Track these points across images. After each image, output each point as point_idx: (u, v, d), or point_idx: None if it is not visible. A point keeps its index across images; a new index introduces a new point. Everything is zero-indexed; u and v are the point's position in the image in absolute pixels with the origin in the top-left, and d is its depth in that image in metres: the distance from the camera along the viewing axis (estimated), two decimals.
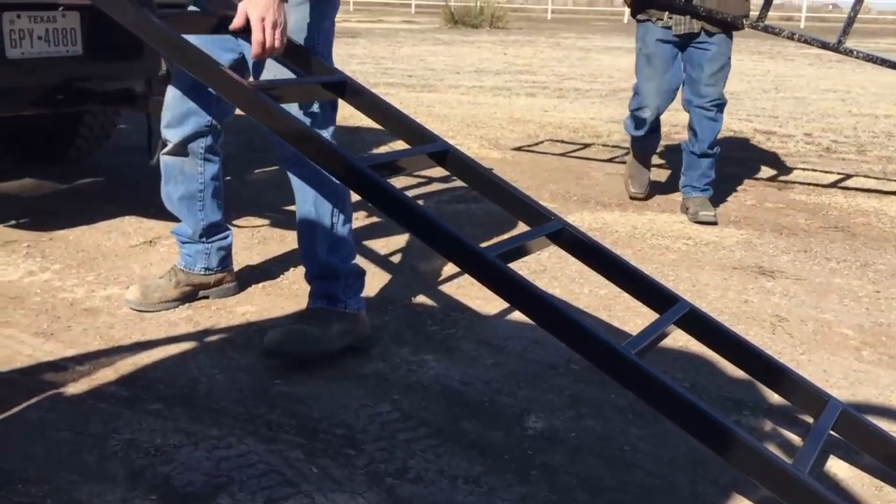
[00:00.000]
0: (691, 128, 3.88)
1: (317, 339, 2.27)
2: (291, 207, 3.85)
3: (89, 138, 4.42)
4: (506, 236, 3.30)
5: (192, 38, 2.02)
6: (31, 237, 3.21)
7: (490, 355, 2.39)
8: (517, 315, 2.69)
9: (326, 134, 2.25)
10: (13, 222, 3.36)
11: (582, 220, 3.80)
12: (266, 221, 3.57)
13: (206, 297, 2.70)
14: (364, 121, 5.26)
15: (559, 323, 1.60)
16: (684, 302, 1.86)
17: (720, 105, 3.81)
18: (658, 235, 3.63)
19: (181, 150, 2.52)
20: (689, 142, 3.93)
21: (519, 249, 1.81)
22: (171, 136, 2.50)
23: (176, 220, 2.57)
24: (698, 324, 1.87)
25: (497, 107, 7.31)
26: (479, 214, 3.79)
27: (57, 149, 4.41)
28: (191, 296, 2.66)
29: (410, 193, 4.10)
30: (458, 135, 5.90)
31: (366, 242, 3.30)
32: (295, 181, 2.34)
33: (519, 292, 1.63)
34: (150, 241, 3.25)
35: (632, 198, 4.19)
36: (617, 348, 1.54)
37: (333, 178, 2.24)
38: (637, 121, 3.98)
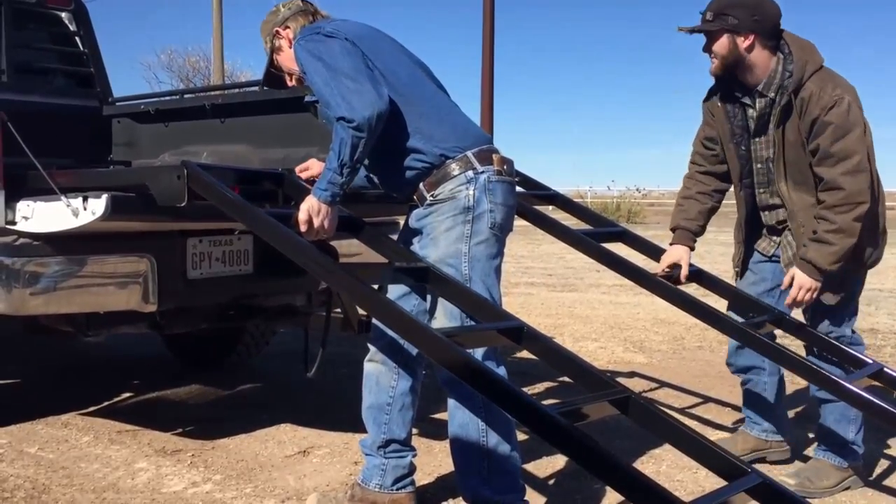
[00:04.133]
0: None
1: None
2: (437, 416, 3.90)
3: (249, 345, 4.69)
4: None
5: None
6: (195, 446, 3.37)
7: None
8: None
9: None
10: (180, 430, 3.54)
11: None
12: (414, 430, 3.59)
13: None
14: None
15: None
16: None
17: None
18: None
19: (380, 360, 2.58)
20: None
21: None
22: (378, 346, 2.58)
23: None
24: None
25: (640, 307, 7.26)
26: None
27: (219, 355, 4.70)
28: None
29: None
30: (601, 337, 5.88)
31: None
32: (451, 402, 2.35)
33: None
34: (304, 451, 3.33)
35: None
36: None
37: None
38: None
